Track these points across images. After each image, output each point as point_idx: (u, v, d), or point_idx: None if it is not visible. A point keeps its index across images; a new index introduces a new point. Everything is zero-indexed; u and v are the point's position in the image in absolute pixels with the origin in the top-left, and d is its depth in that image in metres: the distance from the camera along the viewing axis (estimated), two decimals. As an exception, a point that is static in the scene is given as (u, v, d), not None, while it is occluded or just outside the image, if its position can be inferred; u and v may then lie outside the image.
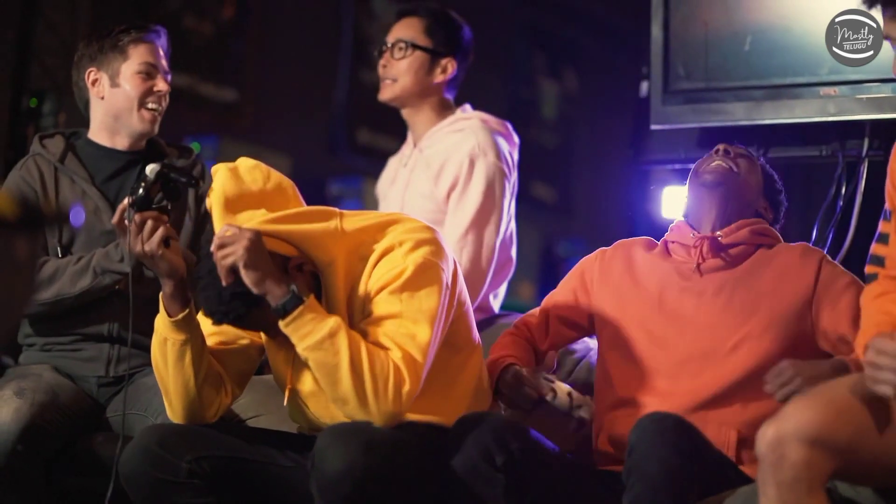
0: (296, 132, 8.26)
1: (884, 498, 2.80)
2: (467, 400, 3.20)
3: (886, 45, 2.87)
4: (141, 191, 3.14)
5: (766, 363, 3.09)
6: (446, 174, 4.15)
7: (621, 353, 3.30)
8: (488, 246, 4.08)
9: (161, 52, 3.77)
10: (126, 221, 3.16)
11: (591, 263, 3.45)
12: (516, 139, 4.27)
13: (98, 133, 3.80)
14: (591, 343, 3.66)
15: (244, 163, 3.14)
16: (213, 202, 3.09)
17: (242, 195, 3.09)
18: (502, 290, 4.29)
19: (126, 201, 3.15)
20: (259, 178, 3.12)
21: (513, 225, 4.27)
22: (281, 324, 3.02)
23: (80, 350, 3.68)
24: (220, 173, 3.11)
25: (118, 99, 3.75)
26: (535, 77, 10.52)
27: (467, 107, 4.30)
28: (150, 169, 3.16)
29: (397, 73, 4.25)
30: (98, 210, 3.69)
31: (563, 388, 3.26)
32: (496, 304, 4.27)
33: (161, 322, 3.14)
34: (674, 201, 4.32)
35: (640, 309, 3.32)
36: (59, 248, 3.69)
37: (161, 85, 3.74)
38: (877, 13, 2.76)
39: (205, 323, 3.23)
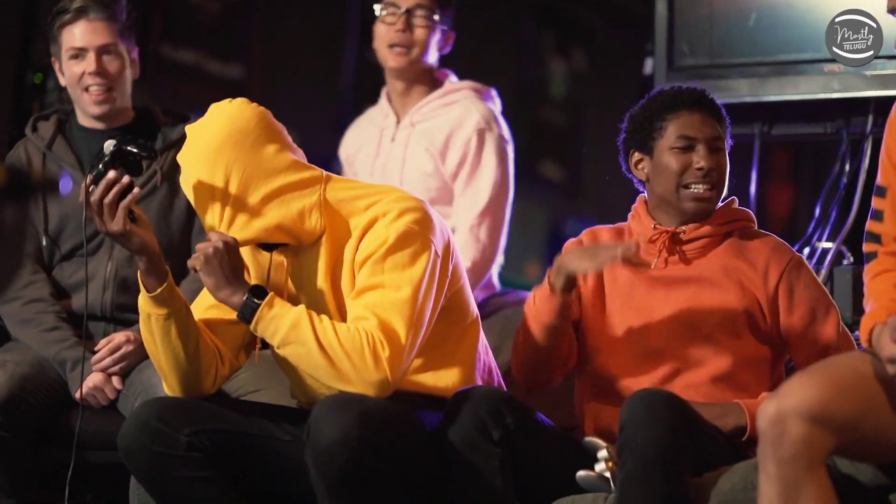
0: (302, 110, 8.24)
1: (883, 473, 2.80)
2: (464, 373, 3.20)
3: (889, 27, 2.87)
4: (101, 166, 3.12)
5: (732, 362, 3.17)
6: (454, 151, 4.12)
7: (600, 343, 3.27)
8: (504, 221, 4.09)
9: (97, 28, 3.68)
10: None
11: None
12: (500, 104, 4.25)
13: (79, 115, 3.79)
14: None
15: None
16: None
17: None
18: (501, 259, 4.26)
19: (87, 180, 3.13)
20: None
21: None
22: (251, 329, 3.07)
23: (77, 328, 3.67)
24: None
25: (68, 85, 3.74)
26: (543, 55, 10.49)
27: (452, 75, 4.25)
28: (108, 145, 3.13)
29: (415, 42, 4.13)
30: None
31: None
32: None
33: (142, 299, 3.14)
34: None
35: (614, 299, 3.27)
36: (44, 237, 3.68)
37: (90, 66, 3.66)
38: None
39: (202, 297, 3.24)
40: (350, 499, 2.96)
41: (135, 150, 3.13)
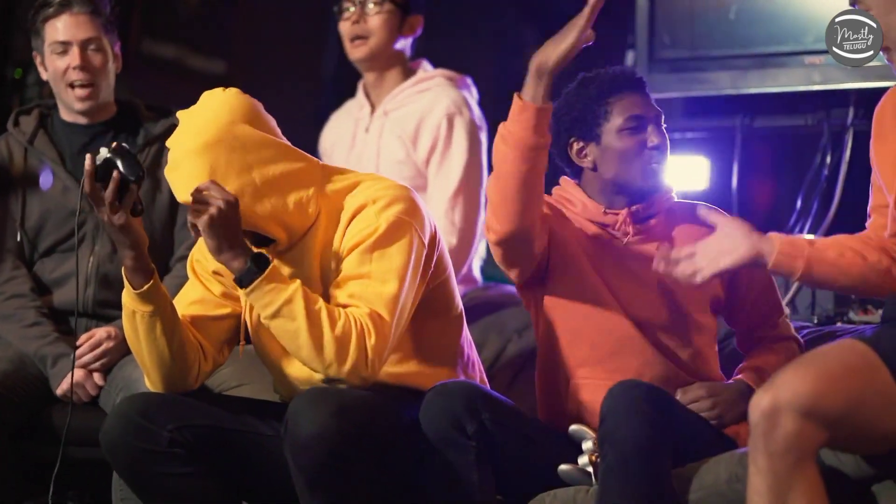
0: (284, 104, 8.18)
1: (867, 464, 2.80)
2: (447, 367, 3.20)
3: None
4: (98, 170, 3.07)
5: (706, 339, 3.22)
6: (424, 137, 4.12)
7: (576, 322, 3.23)
8: (479, 205, 4.08)
9: (81, 21, 3.66)
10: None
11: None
12: (476, 93, 4.25)
13: (61, 109, 3.77)
14: None
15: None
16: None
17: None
18: (482, 248, 4.25)
19: (87, 162, 3.07)
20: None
21: None
22: (243, 292, 3.04)
23: (58, 324, 3.66)
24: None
25: (51, 79, 3.72)
26: (523, 47, 10.47)
27: (426, 64, 4.25)
28: (100, 157, 3.06)
29: (370, 31, 4.17)
30: (66, 190, 3.66)
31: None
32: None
33: (127, 296, 3.11)
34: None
35: (588, 278, 3.22)
36: (19, 233, 3.66)
37: (74, 60, 3.64)
38: None
39: (185, 292, 3.23)
40: (329, 492, 2.95)
41: (122, 171, 3.01)
